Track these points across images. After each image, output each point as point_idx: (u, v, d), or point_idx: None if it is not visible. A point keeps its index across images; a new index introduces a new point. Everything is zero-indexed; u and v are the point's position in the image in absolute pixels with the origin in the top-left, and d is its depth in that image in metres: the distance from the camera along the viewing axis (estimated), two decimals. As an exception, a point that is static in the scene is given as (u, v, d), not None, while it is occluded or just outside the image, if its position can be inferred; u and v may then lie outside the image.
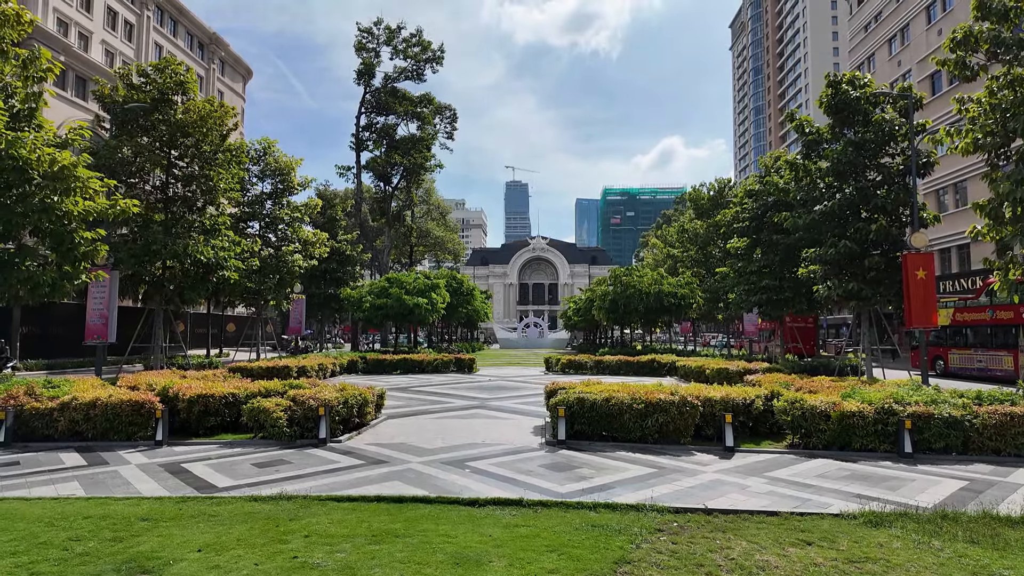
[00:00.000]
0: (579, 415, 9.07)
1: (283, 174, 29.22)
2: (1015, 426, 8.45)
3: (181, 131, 21.21)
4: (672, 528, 5.28)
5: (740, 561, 4.47)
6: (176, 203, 21.64)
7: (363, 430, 9.89)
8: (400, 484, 6.60)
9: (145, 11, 49.97)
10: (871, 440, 8.67)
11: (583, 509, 5.73)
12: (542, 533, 4.99)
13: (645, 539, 4.93)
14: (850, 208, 19.87)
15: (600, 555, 4.50)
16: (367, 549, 4.58)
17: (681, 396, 9.01)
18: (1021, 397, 9.35)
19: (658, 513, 5.67)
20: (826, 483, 6.99)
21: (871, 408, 8.75)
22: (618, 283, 30.73)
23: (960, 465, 8.06)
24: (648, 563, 4.40)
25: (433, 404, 13.92)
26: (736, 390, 9.94)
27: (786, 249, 24.54)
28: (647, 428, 8.89)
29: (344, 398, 9.35)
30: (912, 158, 18.83)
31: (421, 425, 10.70)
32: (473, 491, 6.33)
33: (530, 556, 4.46)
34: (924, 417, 8.60)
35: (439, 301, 31.21)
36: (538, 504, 5.85)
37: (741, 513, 5.75)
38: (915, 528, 5.28)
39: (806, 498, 6.34)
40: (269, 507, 5.67)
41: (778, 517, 5.66)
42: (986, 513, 5.61)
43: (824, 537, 5.07)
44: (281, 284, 28.38)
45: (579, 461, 7.90)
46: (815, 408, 8.89)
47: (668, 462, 7.93)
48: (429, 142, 49.35)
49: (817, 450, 8.77)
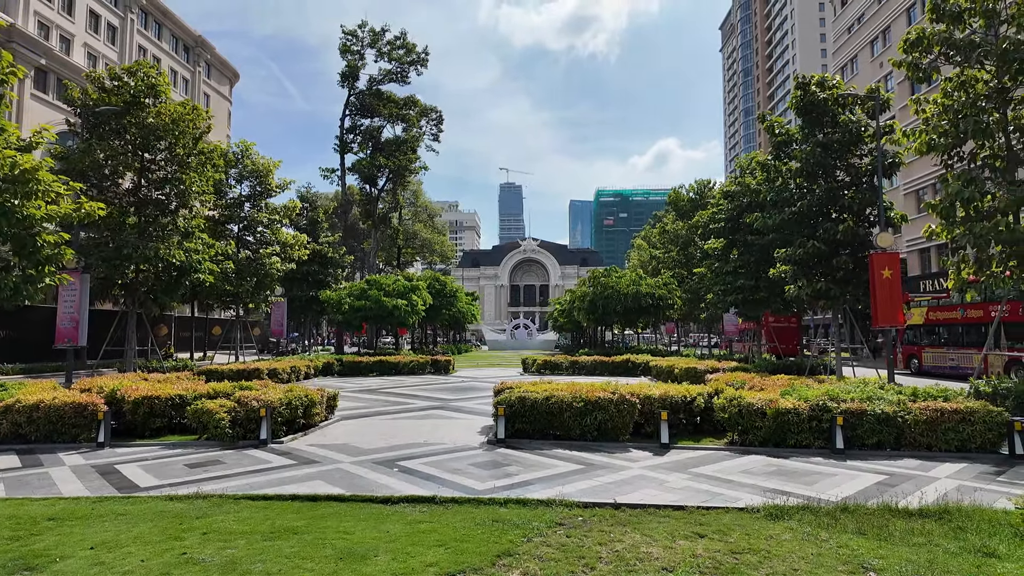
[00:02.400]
0: (520, 414, 9.16)
1: (261, 176, 29.26)
2: (945, 421, 8.60)
3: (153, 134, 21.23)
4: (575, 522, 5.37)
5: (623, 553, 4.56)
6: (149, 206, 21.63)
7: (310, 431, 9.95)
8: (321, 483, 6.67)
9: (129, 14, 49.86)
10: (806, 437, 8.80)
11: (494, 505, 5.82)
12: (440, 529, 5.08)
13: (541, 533, 5.02)
14: (819, 208, 20.07)
15: (486, 548, 4.59)
16: (259, 546, 4.66)
17: (619, 394, 9.12)
18: (956, 393, 9.50)
19: (567, 508, 5.77)
20: (747, 479, 7.11)
21: (806, 405, 8.88)
22: (597, 284, 30.88)
23: (889, 460, 8.20)
24: (531, 556, 4.49)
25: (394, 405, 13.99)
26: (676, 388, 10.05)
27: (761, 249, 24.75)
28: (586, 426, 9.00)
29: (288, 400, 9.41)
30: (878, 159, 19.05)
31: (371, 426, 10.77)
32: (392, 489, 6.41)
33: (416, 551, 4.55)
34: (857, 414, 8.74)
35: (419, 303, 31.26)
36: (450, 501, 5.94)
37: (648, 508, 5.85)
38: (812, 521, 5.39)
39: (719, 493, 6.46)
40: (182, 506, 5.74)
41: (684, 511, 5.76)
42: (886, 506, 5.73)
43: (719, 530, 5.17)
44: (260, 287, 28.40)
45: (512, 459, 8.00)
46: (752, 405, 9.02)
47: (600, 459, 8.03)
48: (414, 144, 49.43)
49: (753, 447, 8.89)
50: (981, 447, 8.59)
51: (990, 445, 8.59)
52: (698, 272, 29.53)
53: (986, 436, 8.57)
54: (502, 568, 4.25)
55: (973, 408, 8.62)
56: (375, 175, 49.40)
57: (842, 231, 19.07)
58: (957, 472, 7.57)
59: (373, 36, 48.12)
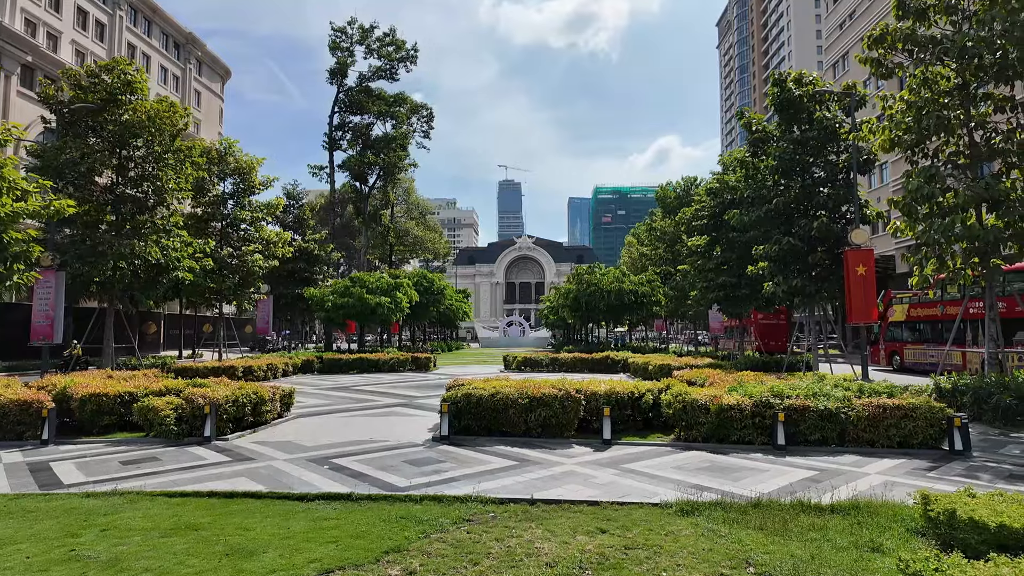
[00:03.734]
0: (466, 411, 9.17)
1: (244, 174, 29.20)
2: (887, 418, 8.60)
3: (130, 131, 21.19)
4: (483, 519, 5.38)
5: (514, 549, 4.57)
6: (126, 204, 21.60)
7: (260, 429, 9.97)
8: (246, 480, 6.68)
9: (117, 11, 49.73)
10: (748, 433, 8.80)
11: (408, 502, 5.83)
12: (342, 526, 5.09)
13: (442, 529, 5.03)
14: (795, 205, 20.07)
15: (377, 545, 4.60)
16: (153, 542, 4.67)
17: (564, 391, 9.12)
18: (901, 390, 9.51)
19: (481, 504, 5.78)
20: (677, 474, 7.12)
21: (749, 402, 8.88)
22: (581, 282, 30.89)
23: (828, 456, 8.21)
24: (420, 552, 4.50)
25: (359, 403, 14.00)
26: (625, 384, 10.06)
27: (743, 246, 24.77)
28: (531, 422, 9.01)
29: (235, 397, 9.42)
30: (853, 155, 19.03)
31: (325, 424, 10.78)
32: (313, 487, 6.42)
33: (306, 547, 4.56)
34: (800, 410, 8.75)
35: (404, 300, 31.25)
36: (366, 498, 5.95)
37: (563, 503, 5.86)
38: (720, 516, 5.40)
39: (641, 488, 6.46)
40: (96, 503, 5.75)
41: (598, 507, 5.77)
42: (799, 502, 5.74)
43: (624, 525, 5.18)
44: (243, 284, 28.38)
45: (449, 456, 8.01)
46: (696, 401, 9.03)
47: (537, 455, 8.05)
48: (404, 141, 49.36)
49: (696, 442, 8.90)
50: (923, 443, 8.59)
51: (932, 441, 8.61)
52: (682, 269, 29.53)
53: (927, 432, 8.58)
54: (384, 564, 4.26)
55: (915, 404, 8.62)
56: (365, 172, 49.36)
57: (816, 228, 19.09)
58: (891, 468, 7.58)
59: (362, 33, 48.02)
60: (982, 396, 11.53)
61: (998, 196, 12.46)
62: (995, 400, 11.22)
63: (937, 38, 13.18)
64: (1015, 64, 12.54)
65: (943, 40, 13.06)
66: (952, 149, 13.90)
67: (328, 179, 46.73)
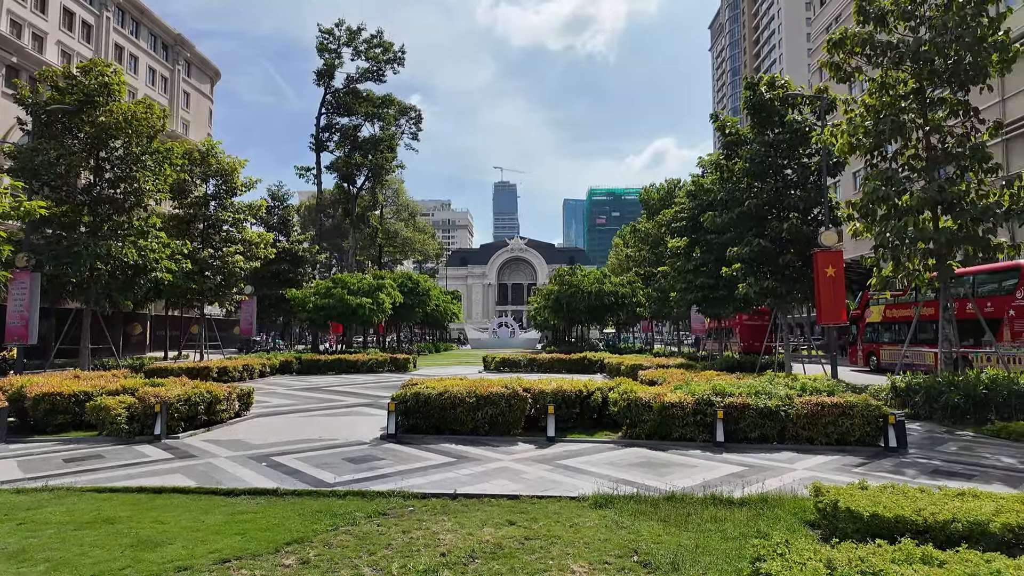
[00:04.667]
0: (415, 409, 9.31)
1: (225, 175, 29.29)
2: (825, 416, 8.78)
3: (107, 133, 21.26)
4: (399, 512, 5.52)
5: (416, 540, 4.71)
6: (102, 205, 21.65)
7: (214, 427, 10.07)
8: (180, 476, 6.81)
9: (104, 12, 49.68)
10: (690, 430, 8.97)
11: (332, 497, 5.97)
12: (257, 519, 5.22)
13: (354, 522, 5.16)
14: (767, 208, 20.28)
15: (282, 537, 4.74)
16: (65, 535, 4.79)
17: (512, 390, 9.27)
18: (843, 388, 9.69)
19: (402, 499, 5.92)
20: (607, 470, 7.27)
21: (691, 399, 9.05)
22: (562, 283, 31.06)
23: (765, 453, 8.38)
24: (323, 543, 4.64)
25: (325, 403, 14.11)
26: (574, 383, 10.21)
27: (720, 248, 24.98)
28: (478, 420, 9.15)
29: (187, 396, 9.53)
30: (823, 158, 19.26)
31: (281, 423, 10.89)
32: (245, 483, 6.54)
33: (213, 539, 4.69)
34: (740, 408, 8.92)
35: (387, 301, 31.36)
36: (291, 493, 6.09)
37: (484, 498, 6.01)
38: (631, 509, 5.55)
39: (565, 482, 6.60)
40: (22, 499, 5.86)
41: (517, 500, 5.92)
42: (712, 496, 5.89)
43: (534, 518, 5.33)
44: (224, 285, 28.44)
45: (391, 453, 8.15)
46: (640, 399, 9.19)
47: (477, 452, 8.19)
48: (392, 143, 49.49)
49: (640, 439, 9.07)
50: (860, 440, 8.78)
51: (869, 438, 8.79)
52: (662, 270, 29.76)
53: (864, 430, 8.76)
54: (282, 555, 4.40)
55: (852, 402, 8.81)
56: (353, 173, 49.48)
57: (787, 230, 19.30)
58: (821, 464, 7.75)
59: (350, 35, 48.17)
60: (933, 395, 11.75)
61: (951, 199, 12.70)
62: (944, 399, 11.44)
63: (893, 43, 13.42)
64: (967, 69, 12.80)
65: (899, 45, 13.30)
66: (912, 152, 14.14)
67: (315, 180, 46.84)
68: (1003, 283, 20.87)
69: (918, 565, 3.19)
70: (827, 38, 14.49)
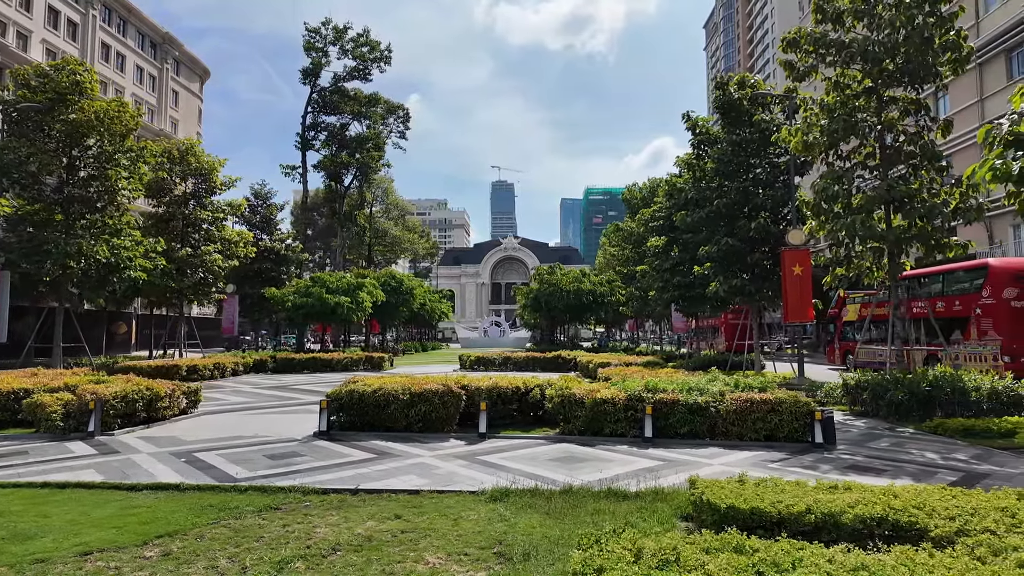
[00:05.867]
0: (349, 407, 9.36)
1: (204, 174, 29.28)
2: (754, 412, 8.84)
3: (78, 131, 21.27)
4: (292, 507, 5.58)
5: (291, 533, 4.76)
6: (74, 204, 21.66)
7: (154, 425, 10.11)
8: (92, 472, 6.85)
9: (91, 10, 49.60)
10: (621, 426, 9.03)
11: (233, 492, 6.01)
12: (145, 514, 5.27)
13: (240, 516, 5.22)
14: (736, 206, 20.35)
15: (157, 529, 4.79)
16: (-57, 528, 4.84)
17: (446, 387, 9.33)
18: (775, 386, 9.76)
19: (302, 494, 5.97)
20: (522, 465, 7.31)
21: (623, 396, 9.12)
22: (541, 282, 31.13)
23: (690, 448, 8.44)
24: (195, 536, 4.69)
25: (283, 401, 14.15)
26: (512, 380, 10.27)
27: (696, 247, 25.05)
28: (412, 417, 9.21)
29: (123, 393, 9.56)
30: (792, 157, 19.32)
31: (224, 421, 10.94)
32: (155, 478, 6.59)
33: (87, 532, 4.74)
34: (670, 404, 8.98)
35: (367, 300, 31.39)
36: (194, 488, 6.14)
37: (385, 492, 6.06)
38: (523, 503, 5.60)
39: (476, 477, 6.64)
40: (-77, 493, 5.91)
41: (416, 495, 5.98)
42: (609, 489, 5.96)
43: (423, 512, 5.38)
44: (203, 284, 28.43)
45: (315, 450, 8.19)
46: (574, 395, 9.25)
47: (403, 448, 8.24)
48: (378, 141, 49.52)
49: (572, 435, 9.13)
50: (789, 437, 8.84)
51: (798, 435, 8.84)
52: (640, 269, 29.84)
53: (793, 426, 8.82)
54: (148, 547, 4.44)
55: (781, 399, 8.87)
56: (340, 172, 49.49)
57: (754, 229, 19.37)
58: (741, 459, 7.80)
59: (336, 33, 48.21)
60: (879, 392, 11.83)
61: (900, 197, 12.77)
62: (889, 396, 11.52)
63: (846, 42, 13.48)
64: (917, 69, 12.87)
65: (851, 44, 13.36)
66: (868, 151, 14.21)
67: (301, 179, 46.86)
68: (971, 282, 20.97)
69: (728, 554, 3.25)
70: (782, 37, 14.56)
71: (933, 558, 3.28)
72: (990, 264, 20.72)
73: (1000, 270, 19.96)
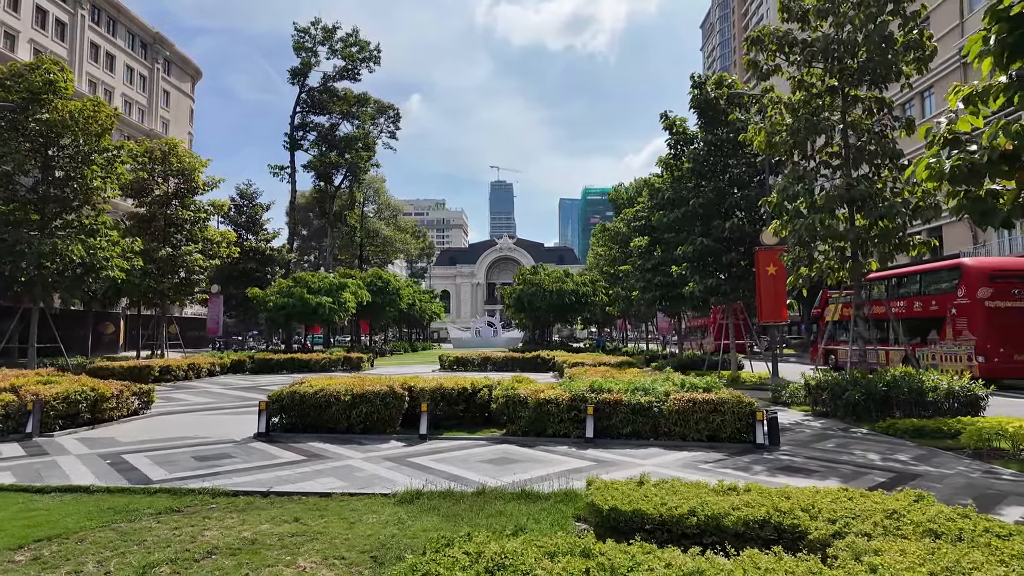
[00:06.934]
0: (291, 408, 9.28)
1: (186, 174, 29.21)
2: (696, 412, 8.77)
3: (53, 131, 21.21)
4: (196, 509, 5.50)
5: (177, 536, 4.68)
6: (49, 204, 21.59)
7: (99, 426, 10.04)
8: (7, 475, 6.76)
9: (79, 10, 49.53)
10: (565, 426, 8.96)
11: (141, 494, 5.94)
12: (37, 516, 5.19)
13: (134, 519, 5.14)
14: (713, 206, 20.28)
15: (39, 532, 4.71)
16: None
17: (388, 387, 9.26)
18: (722, 385, 9.69)
19: (210, 496, 5.89)
20: (449, 467, 7.23)
21: (567, 396, 9.05)
22: (524, 282, 31.06)
23: (631, 449, 8.36)
24: (76, 539, 4.61)
25: (243, 402, 14.07)
26: (459, 380, 10.19)
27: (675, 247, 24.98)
28: (353, 419, 9.13)
29: (65, 394, 9.49)
30: (766, 157, 19.23)
31: (172, 422, 10.86)
32: (68, 480, 6.52)
33: (-32, 535, 4.66)
34: (612, 404, 8.91)
35: (350, 300, 31.34)
36: (103, 490, 6.06)
37: (296, 495, 5.98)
38: (432, 506, 5.52)
39: (397, 479, 6.54)
40: None
41: (328, 498, 5.90)
42: (523, 491, 5.88)
43: (323, 515, 5.30)
44: (185, 283, 28.36)
45: (249, 451, 8.11)
46: (519, 395, 9.18)
47: (337, 450, 8.17)
48: (368, 141, 49.46)
49: (515, 436, 9.05)
50: (732, 437, 8.76)
51: (740, 435, 8.77)
52: (623, 269, 29.78)
53: (736, 426, 8.75)
54: (22, 552, 4.37)
55: (723, 399, 8.80)
56: (330, 172, 49.43)
57: (729, 228, 19.31)
58: (676, 460, 7.73)
59: (325, 33, 48.14)
60: (837, 393, 11.76)
61: (861, 196, 12.70)
62: (847, 396, 11.45)
63: (808, 41, 13.41)
64: (878, 67, 12.79)
65: (813, 43, 13.29)
66: (835, 150, 14.14)
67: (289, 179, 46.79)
68: (947, 282, 20.92)
69: (567, 558, 3.18)
70: (746, 36, 14.49)
71: (781, 561, 3.20)
72: (965, 264, 20.67)
73: (975, 270, 19.91)
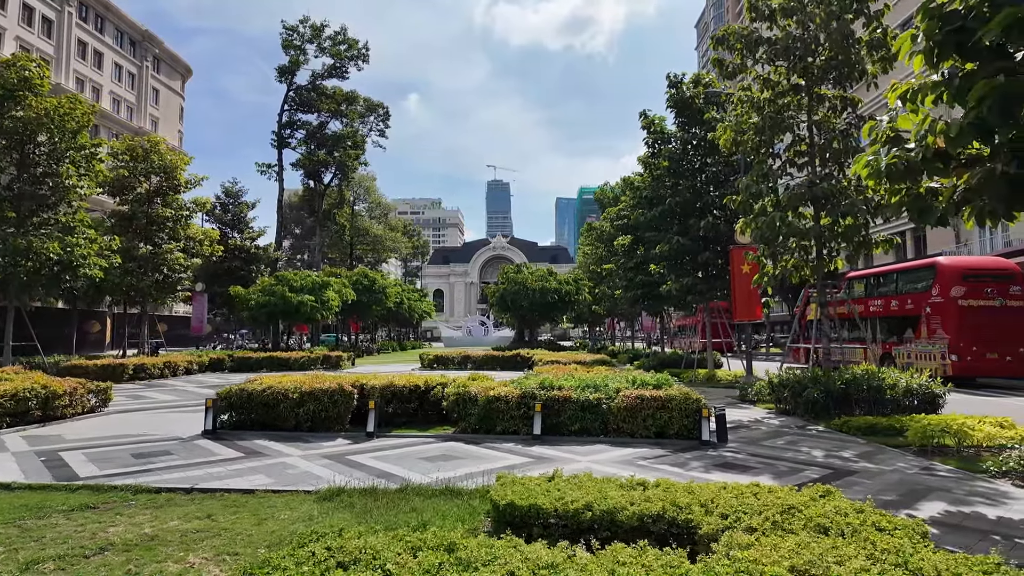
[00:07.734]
0: (239, 405, 9.25)
1: (168, 172, 29.09)
2: (644, 408, 8.77)
3: (28, 128, 21.09)
4: (112, 506, 5.47)
5: (77, 533, 4.66)
6: (24, 201, 21.47)
7: (50, 424, 9.99)
8: (-65, 471, 6.75)
9: (66, 7, 49.31)
10: (514, 423, 8.95)
11: (64, 491, 5.91)
12: (-51, 511, 5.17)
13: (43, 516, 5.11)
14: (689, 205, 20.29)
15: (-61, 529, 4.69)
16: None
17: (337, 385, 9.24)
18: (672, 383, 9.69)
19: (132, 493, 5.87)
20: (384, 464, 7.22)
21: (517, 392, 9.04)
22: (508, 280, 31.06)
23: (576, 445, 8.36)
24: (-25, 536, 4.59)
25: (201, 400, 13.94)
26: (409, 379, 10.18)
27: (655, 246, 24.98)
28: (301, 416, 9.11)
29: (13, 391, 9.44)
30: (742, 156, 19.24)
31: (130, 420, 10.81)
32: None
33: None
34: (561, 401, 8.91)
35: (334, 299, 31.27)
36: (26, 487, 6.03)
37: (219, 492, 5.96)
38: (349, 503, 5.50)
39: (326, 477, 6.52)
40: None
41: (251, 495, 5.87)
42: (446, 488, 5.86)
43: (237, 511, 5.28)
44: (166, 282, 28.24)
45: (191, 449, 8.08)
46: (469, 392, 9.17)
47: (279, 447, 8.14)
48: (356, 139, 49.37)
49: (465, 433, 9.04)
50: (679, 434, 8.77)
51: (688, 432, 8.78)
52: (607, 268, 29.81)
53: (683, 423, 8.75)
54: (-86, 547, 4.35)
55: (671, 396, 8.80)
56: (318, 171, 49.34)
57: (704, 227, 19.32)
58: (616, 456, 7.72)
59: (313, 31, 48.03)
60: (797, 391, 11.79)
61: (823, 194, 12.72)
62: (806, 394, 11.48)
63: (772, 40, 13.43)
64: (843, 67, 12.82)
65: (776, 42, 13.31)
66: (803, 148, 14.16)
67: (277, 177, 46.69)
68: (922, 281, 21.00)
69: (429, 553, 3.17)
70: (711, 35, 14.50)
71: (643, 555, 3.20)
72: (939, 263, 20.76)
73: (948, 269, 20.00)
